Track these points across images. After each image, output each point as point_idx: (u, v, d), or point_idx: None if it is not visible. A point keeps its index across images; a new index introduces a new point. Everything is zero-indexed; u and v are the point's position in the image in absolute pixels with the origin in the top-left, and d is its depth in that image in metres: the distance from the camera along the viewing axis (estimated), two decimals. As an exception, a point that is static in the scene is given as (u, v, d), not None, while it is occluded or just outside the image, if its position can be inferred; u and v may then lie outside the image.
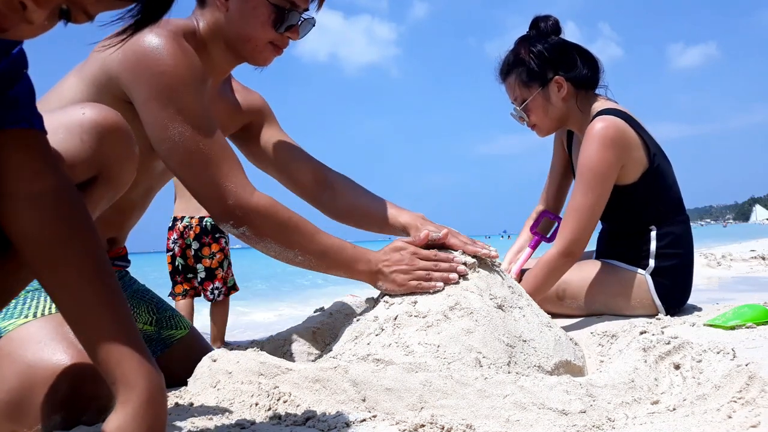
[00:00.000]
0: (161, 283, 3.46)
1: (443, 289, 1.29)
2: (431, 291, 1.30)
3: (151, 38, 1.25)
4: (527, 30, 2.16)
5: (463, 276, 1.32)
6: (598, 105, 2.08)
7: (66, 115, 0.93)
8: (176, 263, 3.09)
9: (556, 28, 2.12)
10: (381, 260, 1.35)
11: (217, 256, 3.08)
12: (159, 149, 1.27)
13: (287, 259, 1.34)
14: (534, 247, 2.30)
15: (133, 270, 1.79)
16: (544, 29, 2.11)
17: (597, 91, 2.16)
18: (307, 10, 1.42)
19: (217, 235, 3.09)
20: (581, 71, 2.09)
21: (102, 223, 1.45)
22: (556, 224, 2.32)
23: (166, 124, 1.23)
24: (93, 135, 0.91)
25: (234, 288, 3.17)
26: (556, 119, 2.13)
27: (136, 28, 0.68)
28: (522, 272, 2.17)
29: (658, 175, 2.04)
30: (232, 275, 3.18)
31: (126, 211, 1.53)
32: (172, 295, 3.12)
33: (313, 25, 1.45)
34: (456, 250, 1.39)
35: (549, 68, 2.07)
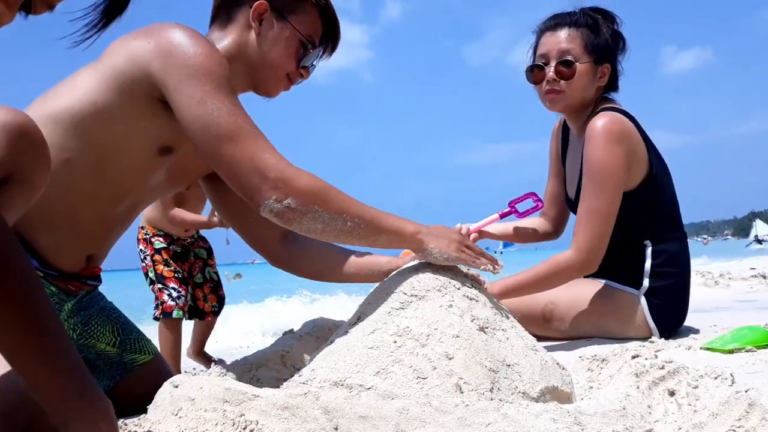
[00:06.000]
0: (134, 305, 3.32)
1: (494, 270, 1.38)
2: (480, 268, 1.35)
3: (183, 30, 1.28)
4: (586, 10, 2.06)
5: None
6: (603, 104, 2.04)
7: None
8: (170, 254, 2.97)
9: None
10: (429, 227, 1.36)
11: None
12: (193, 127, 1.25)
13: (335, 229, 1.28)
14: (502, 216, 2.24)
15: (106, 288, 1.72)
16: (611, 18, 2.08)
17: (611, 96, 2.13)
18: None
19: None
20: (618, 72, 2.08)
21: (84, 236, 1.41)
22: (532, 204, 2.25)
23: (204, 99, 1.24)
24: (2, 136, 0.86)
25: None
26: (580, 99, 2.03)
27: (107, 19, 0.72)
28: (479, 233, 2.19)
29: (658, 184, 1.99)
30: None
31: (110, 225, 1.49)
32: (164, 314, 2.78)
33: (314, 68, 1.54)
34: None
35: (609, 52, 2.04)
